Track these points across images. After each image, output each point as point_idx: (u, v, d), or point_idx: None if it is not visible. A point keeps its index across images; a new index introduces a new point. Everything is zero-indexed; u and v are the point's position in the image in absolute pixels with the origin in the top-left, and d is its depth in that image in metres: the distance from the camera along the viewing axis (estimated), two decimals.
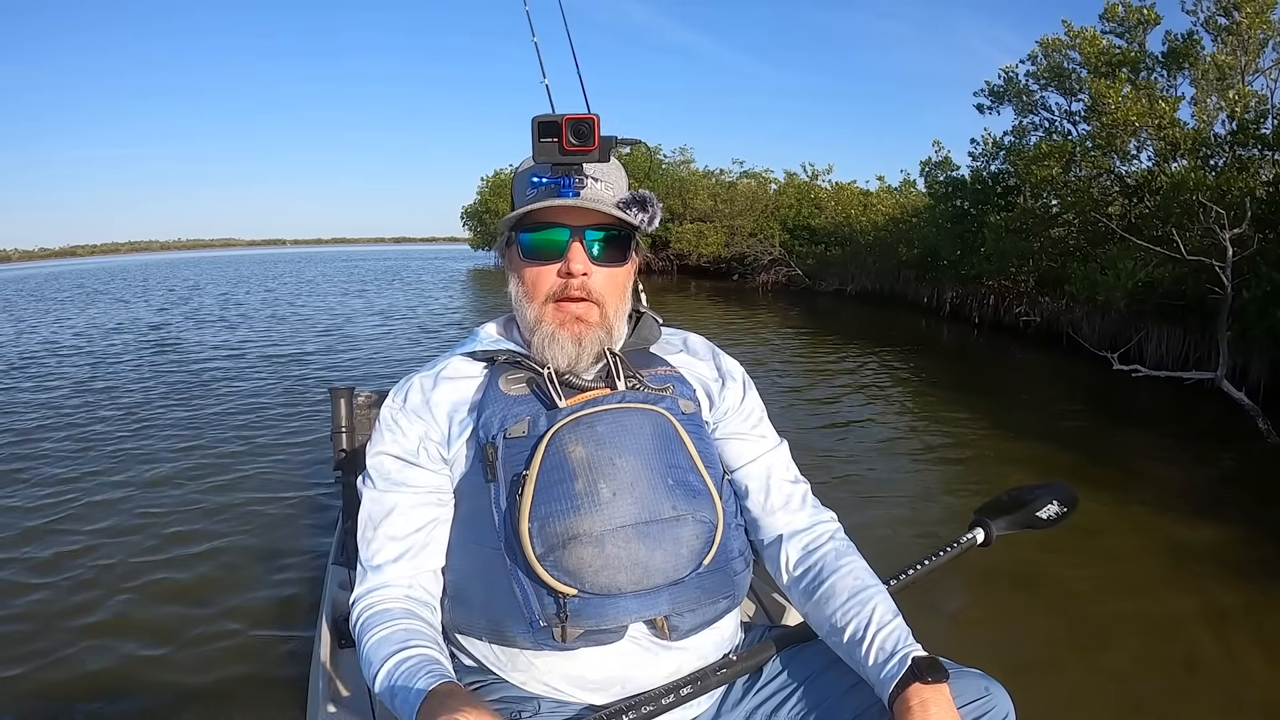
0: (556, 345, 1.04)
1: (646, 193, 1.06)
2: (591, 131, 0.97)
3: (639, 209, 1.05)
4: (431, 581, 1.04)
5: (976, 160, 11.68)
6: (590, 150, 0.98)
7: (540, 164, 1.03)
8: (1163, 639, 2.64)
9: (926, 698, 0.86)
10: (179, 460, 4.59)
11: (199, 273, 33.94)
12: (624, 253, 1.08)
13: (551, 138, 0.98)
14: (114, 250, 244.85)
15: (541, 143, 0.98)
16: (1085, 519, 3.45)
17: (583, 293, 1.04)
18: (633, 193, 1.07)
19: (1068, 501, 1.36)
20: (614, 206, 1.04)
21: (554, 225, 1.03)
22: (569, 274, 1.03)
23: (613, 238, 1.06)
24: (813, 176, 21.61)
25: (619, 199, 1.06)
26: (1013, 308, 10.60)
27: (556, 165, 1.01)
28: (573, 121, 0.97)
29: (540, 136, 0.98)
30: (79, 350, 9.51)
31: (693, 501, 1.00)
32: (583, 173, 1.03)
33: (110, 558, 3.21)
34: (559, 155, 0.99)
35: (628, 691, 1.00)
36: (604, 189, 1.05)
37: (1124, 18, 8.97)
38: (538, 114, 0.98)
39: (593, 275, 1.04)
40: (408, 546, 1.03)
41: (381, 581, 1.02)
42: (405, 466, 1.05)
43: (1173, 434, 5.51)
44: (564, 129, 0.97)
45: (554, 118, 0.97)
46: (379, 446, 1.07)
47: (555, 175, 1.02)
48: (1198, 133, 7.85)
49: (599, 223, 1.04)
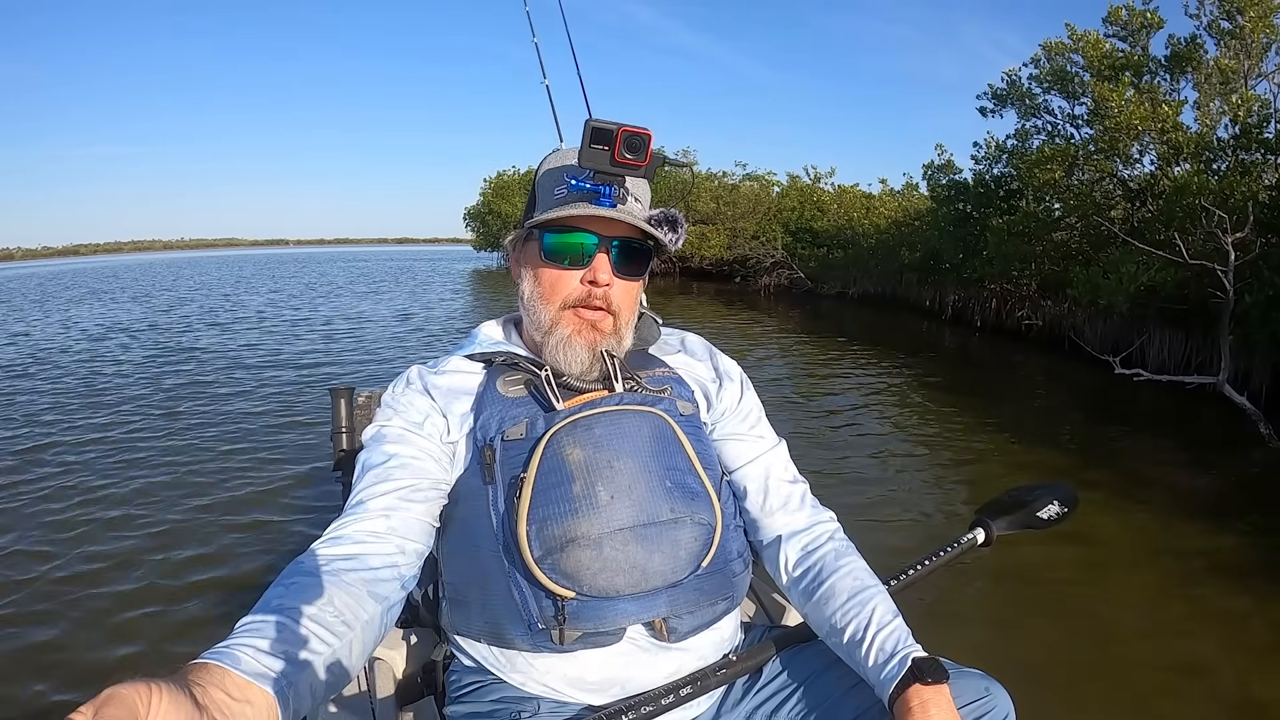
0: (571, 352, 1.03)
1: (677, 213, 1.05)
2: (644, 146, 0.96)
3: (669, 229, 1.04)
4: (410, 529, 0.95)
5: (979, 163, 11.73)
6: (641, 165, 0.96)
7: (581, 167, 0.99)
8: (1163, 641, 2.64)
9: (927, 698, 0.86)
10: (178, 460, 4.60)
11: (202, 273, 33.97)
12: (644, 266, 1.08)
13: (604, 145, 0.95)
14: (117, 249, 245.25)
15: (591, 149, 0.95)
16: (1086, 521, 3.45)
17: (603, 303, 1.04)
18: (664, 211, 1.05)
19: (1068, 502, 1.36)
20: (647, 223, 1.03)
21: (583, 230, 1.02)
22: (593, 282, 1.02)
23: (636, 251, 1.05)
24: (815, 179, 21.64)
25: (649, 215, 1.05)
26: (1015, 311, 10.59)
27: (600, 173, 0.98)
28: (628, 135, 0.95)
29: (591, 142, 0.95)
30: (79, 350, 9.52)
31: (691, 503, 0.99)
32: (624, 185, 1.01)
33: (110, 558, 3.22)
34: (608, 165, 0.96)
35: (627, 692, 1.00)
36: (634, 202, 1.04)
37: (1127, 21, 8.98)
38: (592, 118, 0.96)
39: (613, 286, 1.04)
40: (396, 487, 0.96)
41: (351, 518, 0.93)
42: (407, 432, 1.02)
43: (1174, 438, 5.51)
44: (618, 140, 0.95)
45: (609, 125, 0.95)
46: (379, 420, 1.04)
47: (597, 182, 1.00)
48: (1200, 137, 7.85)
49: (627, 234, 1.03)
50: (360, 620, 0.82)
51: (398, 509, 0.95)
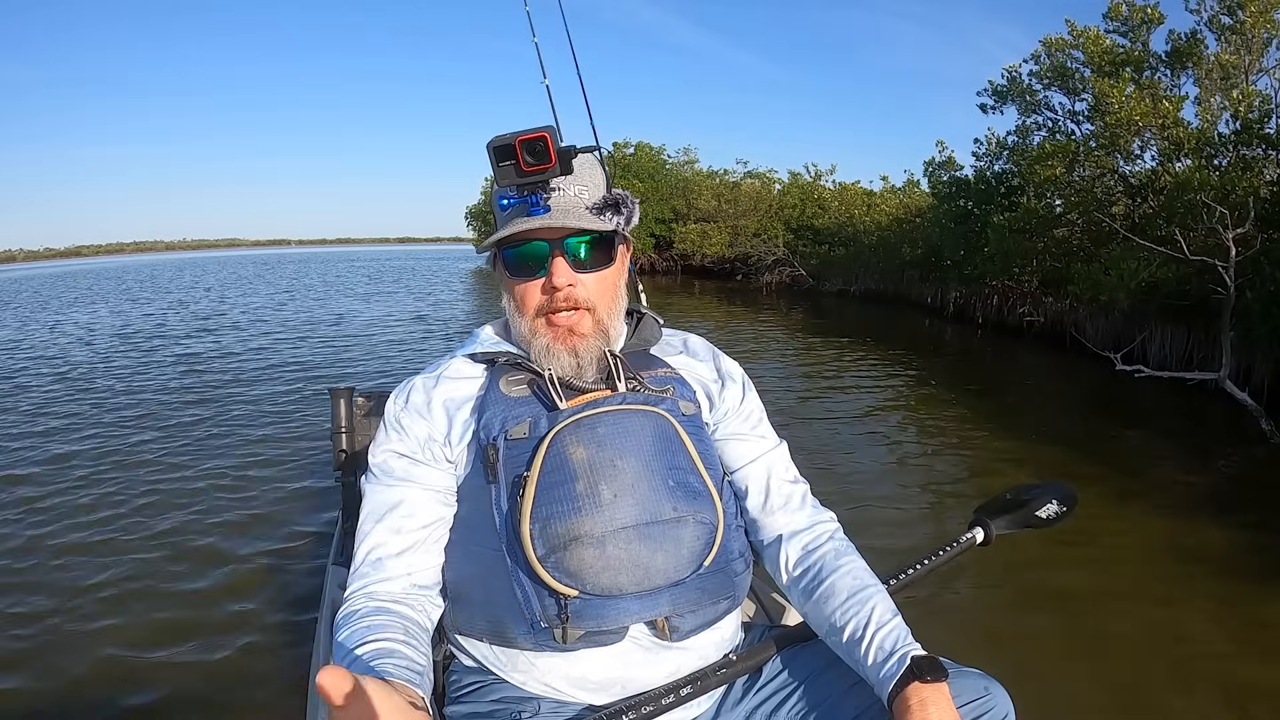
0: (554, 359, 1.04)
1: (620, 192, 1.05)
2: (546, 148, 0.96)
3: (613, 211, 1.04)
4: (430, 578, 1.02)
5: (980, 160, 11.70)
6: (549, 167, 0.97)
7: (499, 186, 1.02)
8: (1163, 639, 2.64)
9: (926, 697, 0.86)
10: (178, 460, 4.60)
11: (206, 273, 33.97)
12: (608, 254, 1.07)
13: (508, 160, 0.97)
14: (119, 250, 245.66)
15: (500, 166, 0.98)
16: (1086, 519, 3.45)
17: (570, 304, 1.03)
18: (605, 196, 1.05)
19: (1067, 501, 1.36)
20: (587, 213, 1.03)
21: (532, 240, 1.02)
22: (553, 288, 1.02)
23: (594, 242, 1.05)
24: (816, 177, 21.64)
25: (593, 202, 1.05)
26: (1016, 308, 10.58)
27: (522, 185, 1.00)
28: (525, 141, 0.96)
29: (498, 161, 0.97)
30: (82, 349, 9.53)
31: (693, 503, 1.00)
32: (549, 188, 1.01)
33: (110, 558, 3.22)
34: (517, 176, 0.98)
35: (628, 692, 1.00)
36: (576, 195, 1.04)
37: (1127, 17, 8.96)
38: (494, 136, 0.97)
39: (579, 283, 1.04)
40: (411, 542, 1.01)
41: (379, 575, 0.99)
42: (412, 464, 1.05)
43: (1175, 435, 5.50)
44: (518, 151, 0.96)
45: (507, 140, 0.96)
46: (384, 445, 1.07)
47: (522, 194, 1.01)
48: (1201, 132, 7.83)
49: (575, 231, 1.03)
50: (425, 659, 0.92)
51: (415, 566, 1.01)
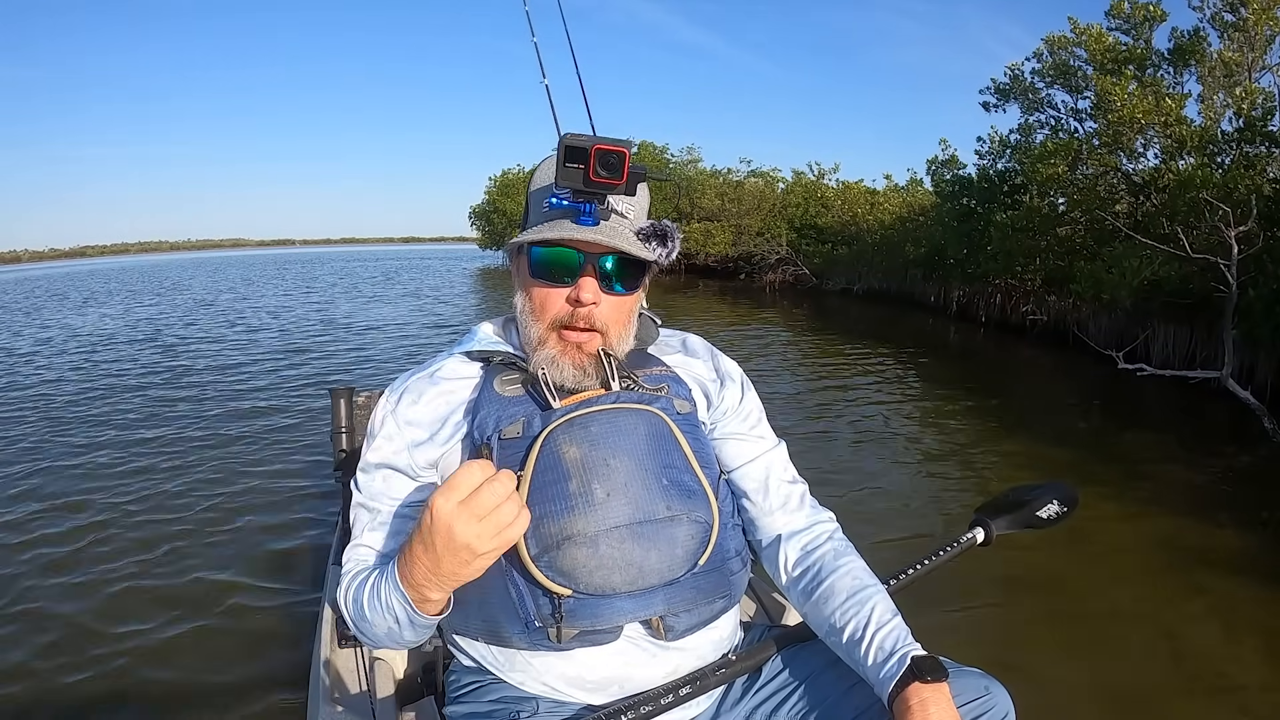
0: (557, 370, 1.02)
1: (668, 224, 1.01)
2: (621, 164, 0.92)
3: (659, 243, 1.01)
4: None
5: (983, 158, 11.68)
6: (617, 184, 0.93)
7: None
8: (1164, 639, 2.63)
9: (926, 697, 0.86)
10: (178, 461, 4.60)
11: (209, 273, 34.01)
12: (637, 281, 1.05)
13: (578, 164, 0.91)
14: (123, 250, 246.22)
15: (567, 167, 0.92)
16: (1088, 518, 3.44)
17: (588, 323, 1.01)
18: (653, 223, 1.01)
19: (1068, 501, 1.35)
20: (633, 238, 1.00)
21: (568, 246, 0.99)
22: (577, 301, 1.00)
23: (625, 267, 1.02)
24: (819, 176, 21.61)
25: (639, 227, 1.01)
26: (1019, 306, 10.57)
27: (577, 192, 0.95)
28: (601, 152, 0.91)
29: (566, 160, 0.92)
30: (81, 349, 9.55)
31: (687, 501, 0.99)
32: (603, 201, 0.97)
33: (110, 558, 3.23)
34: (583, 184, 0.93)
35: (626, 691, 1.00)
36: (624, 213, 1.01)
37: (1130, 14, 8.94)
38: (569, 133, 0.93)
39: (600, 304, 1.01)
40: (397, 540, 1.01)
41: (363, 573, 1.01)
42: (392, 474, 1.05)
43: (1177, 433, 5.48)
44: (592, 158, 0.91)
45: (583, 143, 0.91)
46: (368, 454, 1.06)
47: (576, 200, 0.96)
48: (1204, 130, 7.80)
49: (614, 250, 0.99)
50: None
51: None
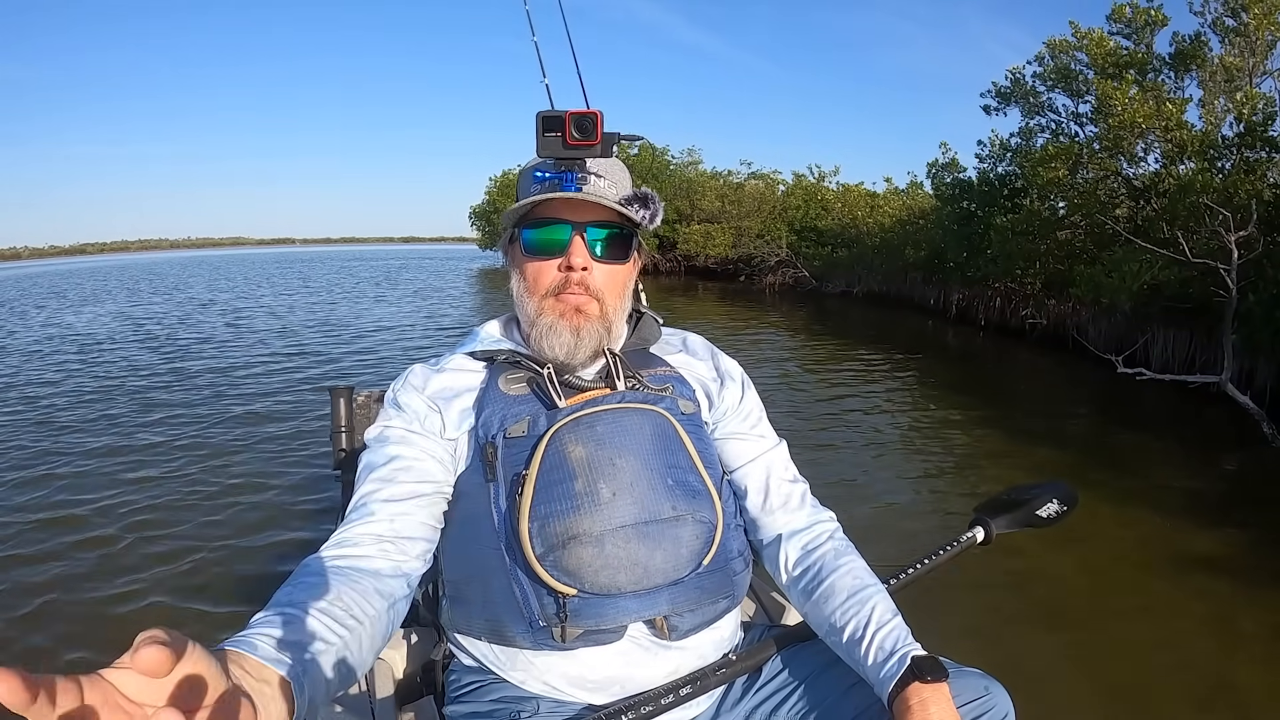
0: (554, 335, 1.04)
1: (648, 190, 1.07)
2: (594, 126, 0.99)
3: (640, 205, 1.06)
4: (413, 529, 0.96)
5: (983, 162, 11.69)
6: (593, 145, 1.00)
7: (544, 160, 1.04)
8: (1163, 641, 2.63)
9: (926, 697, 0.86)
10: (179, 460, 4.60)
11: (209, 271, 33.98)
12: (625, 251, 1.08)
13: (555, 132, 1.00)
14: (124, 248, 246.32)
15: (545, 137, 1.00)
16: (1087, 520, 3.45)
17: (582, 288, 1.04)
18: (635, 190, 1.07)
19: (1068, 500, 1.35)
20: (616, 203, 1.04)
21: (556, 222, 1.03)
22: (569, 268, 1.03)
23: (615, 235, 1.06)
24: (820, 178, 21.63)
25: (621, 196, 1.06)
26: (1019, 310, 10.56)
27: (560, 160, 1.02)
28: (575, 116, 0.99)
29: (544, 131, 1.00)
30: (80, 349, 9.55)
31: (692, 501, 1.00)
32: (585, 169, 1.03)
33: (110, 557, 3.23)
34: (562, 149, 1.01)
35: (627, 691, 1.00)
36: (607, 186, 1.05)
37: (1131, 19, 8.94)
38: (542, 109, 1.00)
39: (593, 271, 1.04)
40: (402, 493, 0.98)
41: (363, 517, 0.95)
42: (411, 434, 1.03)
43: (1177, 438, 5.49)
44: (567, 124, 0.99)
45: (557, 113, 1.00)
46: (383, 420, 1.05)
47: (558, 170, 1.03)
48: (1205, 135, 7.81)
49: (601, 219, 1.04)
50: (368, 615, 0.83)
51: (402, 513, 0.96)
